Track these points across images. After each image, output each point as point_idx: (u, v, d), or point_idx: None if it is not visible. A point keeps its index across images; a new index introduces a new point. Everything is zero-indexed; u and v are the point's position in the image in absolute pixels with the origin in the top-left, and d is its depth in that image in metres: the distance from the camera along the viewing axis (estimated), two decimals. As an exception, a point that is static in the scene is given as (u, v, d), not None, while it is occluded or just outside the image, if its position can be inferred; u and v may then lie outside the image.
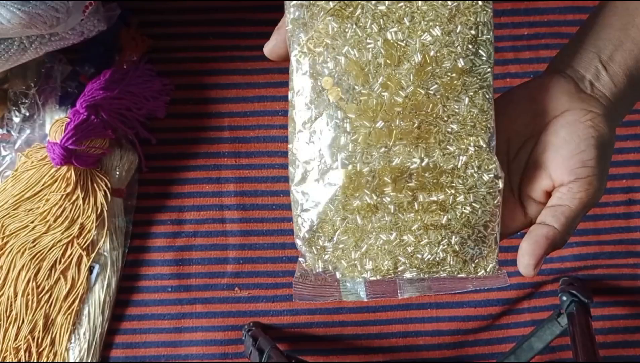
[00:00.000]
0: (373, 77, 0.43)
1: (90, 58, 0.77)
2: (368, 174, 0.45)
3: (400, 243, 0.46)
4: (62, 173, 0.74)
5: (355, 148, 0.44)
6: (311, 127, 0.45)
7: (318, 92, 0.44)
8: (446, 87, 0.43)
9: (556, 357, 0.78)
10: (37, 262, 0.74)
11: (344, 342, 0.78)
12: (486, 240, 0.48)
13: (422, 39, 0.42)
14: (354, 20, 0.43)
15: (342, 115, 0.44)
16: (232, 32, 0.80)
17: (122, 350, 0.77)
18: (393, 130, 0.44)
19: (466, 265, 0.48)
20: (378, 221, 0.46)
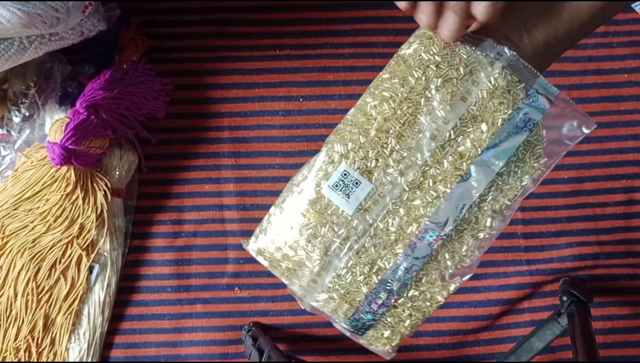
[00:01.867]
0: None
1: (90, 58, 0.77)
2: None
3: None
4: (62, 173, 0.74)
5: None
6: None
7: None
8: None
9: (556, 357, 0.78)
10: (37, 262, 0.74)
11: (344, 342, 0.78)
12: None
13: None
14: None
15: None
16: (232, 32, 0.80)
17: (122, 350, 0.77)
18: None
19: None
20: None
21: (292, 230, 0.53)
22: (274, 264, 0.55)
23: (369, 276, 0.53)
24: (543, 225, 0.78)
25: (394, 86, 0.52)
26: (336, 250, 0.52)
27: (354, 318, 0.54)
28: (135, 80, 0.76)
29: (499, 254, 0.78)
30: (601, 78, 0.80)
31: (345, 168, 0.52)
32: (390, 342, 0.56)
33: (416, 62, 0.52)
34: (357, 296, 0.53)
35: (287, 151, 0.80)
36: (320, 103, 0.80)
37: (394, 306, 0.54)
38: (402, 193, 0.51)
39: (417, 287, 0.53)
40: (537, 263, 0.78)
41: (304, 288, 0.54)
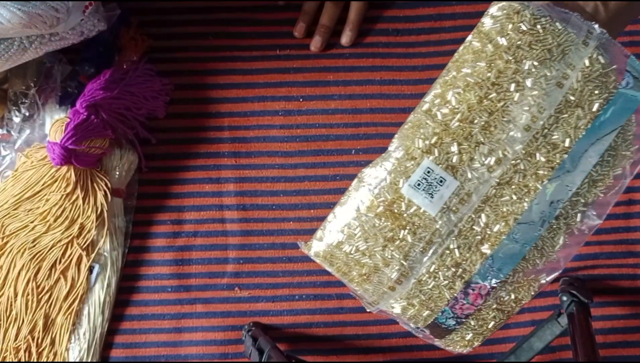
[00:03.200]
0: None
1: (90, 58, 0.77)
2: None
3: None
4: (62, 173, 0.74)
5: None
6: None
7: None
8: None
9: (556, 357, 0.78)
10: (37, 262, 0.74)
11: (344, 342, 0.78)
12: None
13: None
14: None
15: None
16: (232, 32, 0.80)
17: (122, 350, 0.77)
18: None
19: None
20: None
21: (364, 234, 0.48)
22: (342, 269, 0.50)
23: (453, 281, 0.48)
24: (543, 225, 0.78)
25: (479, 70, 0.46)
26: (418, 254, 0.47)
27: (434, 323, 0.50)
28: (135, 80, 0.76)
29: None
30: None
31: (429, 165, 0.46)
32: (471, 344, 0.51)
33: (505, 41, 0.45)
34: (439, 302, 0.49)
35: (287, 151, 0.80)
36: (320, 103, 0.80)
37: (479, 310, 0.49)
38: (489, 190, 0.46)
39: (504, 288, 0.48)
40: (537, 263, 0.78)
41: (378, 295, 0.49)
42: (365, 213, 0.48)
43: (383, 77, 0.80)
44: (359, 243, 0.48)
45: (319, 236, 0.51)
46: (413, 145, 0.47)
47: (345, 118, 0.80)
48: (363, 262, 0.49)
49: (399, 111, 0.80)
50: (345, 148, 0.79)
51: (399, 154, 0.47)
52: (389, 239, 0.47)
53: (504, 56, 0.45)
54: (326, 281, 0.78)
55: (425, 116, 0.47)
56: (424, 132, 0.47)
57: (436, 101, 0.47)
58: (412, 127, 0.47)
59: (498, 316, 0.50)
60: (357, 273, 0.49)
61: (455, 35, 0.80)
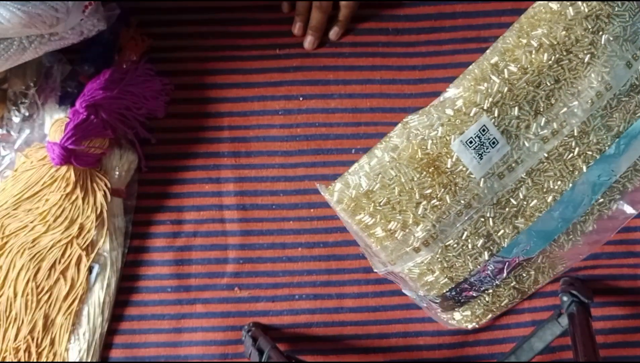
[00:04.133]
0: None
1: (90, 58, 0.77)
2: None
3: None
4: (62, 173, 0.74)
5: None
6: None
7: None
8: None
9: (556, 357, 0.78)
10: (36, 262, 0.74)
11: (344, 342, 0.78)
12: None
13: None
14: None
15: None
16: (232, 32, 0.80)
17: (122, 351, 0.77)
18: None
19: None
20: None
21: (400, 185, 0.44)
22: (365, 221, 0.45)
23: (480, 251, 0.45)
24: (543, 225, 0.78)
25: (556, 32, 0.43)
26: (452, 217, 0.44)
27: (449, 294, 0.47)
28: (135, 80, 0.76)
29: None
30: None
31: (486, 123, 0.43)
32: (478, 320, 0.49)
33: (586, 7, 0.43)
34: (461, 271, 0.46)
35: (287, 150, 0.80)
36: (320, 102, 0.80)
37: (497, 286, 0.46)
38: (537, 162, 0.43)
39: (527, 267, 0.46)
40: (538, 263, 0.78)
41: (397, 254, 0.46)
42: (406, 163, 0.44)
43: (383, 76, 0.80)
44: (392, 195, 0.45)
45: (346, 182, 0.47)
46: (474, 99, 0.43)
47: (345, 117, 0.80)
48: (392, 216, 0.45)
49: (399, 110, 0.79)
50: (346, 147, 0.79)
51: (457, 105, 0.44)
52: (425, 196, 0.44)
53: (584, 24, 0.42)
54: (326, 280, 0.78)
55: (491, 70, 0.44)
56: (488, 88, 0.43)
57: (505, 56, 0.44)
58: (475, 79, 0.44)
59: (513, 295, 0.47)
60: (381, 228, 0.46)
61: (455, 35, 0.80)
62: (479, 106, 0.43)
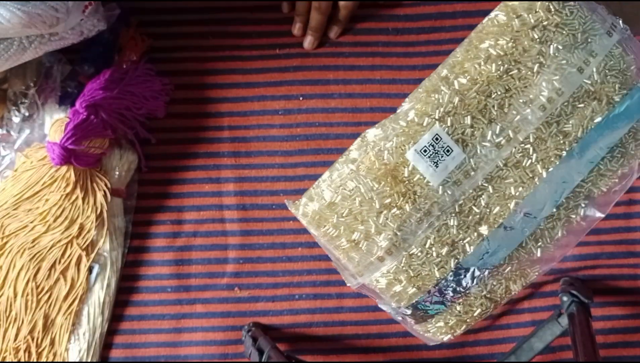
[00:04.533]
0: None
1: (90, 58, 0.77)
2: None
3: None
4: (62, 173, 0.74)
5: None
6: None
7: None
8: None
9: (556, 357, 0.78)
10: (36, 262, 0.74)
11: (344, 342, 0.78)
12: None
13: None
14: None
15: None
16: (232, 32, 0.80)
17: (122, 351, 0.77)
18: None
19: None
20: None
21: (360, 196, 0.46)
22: (330, 233, 0.47)
23: (445, 260, 0.46)
24: (543, 225, 0.78)
25: (502, 44, 0.44)
26: (413, 225, 0.45)
27: (418, 304, 0.48)
28: (135, 80, 0.76)
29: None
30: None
31: (438, 132, 0.44)
32: (453, 332, 0.49)
33: (532, 19, 0.44)
34: (428, 280, 0.46)
35: (287, 150, 0.80)
36: (320, 102, 0.80)
37: (467, 295, 0.47)
38: (494, 169, 0.45)
39: (497, 276, 0.46)
40: (538, 263, 0.78)
41: (364, 265, 0.47)
42: (365, 174, 0.46)
43: (383, 76, 0.80)
44: (353, 206, 0.46)
45: (310, 196, 0.49)
46: (426, 109, 0.45)
47: (345, 117, 0.80)
48: (354, 226, 0.46)
49: (399, 110, 0.79)
50: (346, 147, 0.79)
51: (410, 116, 0.45)
52: (385, 205, 0.45)
53: (530, 34, 0.44)
54: (326, 280, 0.78)
55: (442, 83, 0.45)
56: (439, 99, 0.45)
57: (455, 69, 0.45)
58: (427, 91, 0.46)
59: (485, 304, 0.48)
60: (345, 239, 0.47)
61: (455, 35, 0.80)
62: (431, 116, 0.44)
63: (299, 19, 0.79)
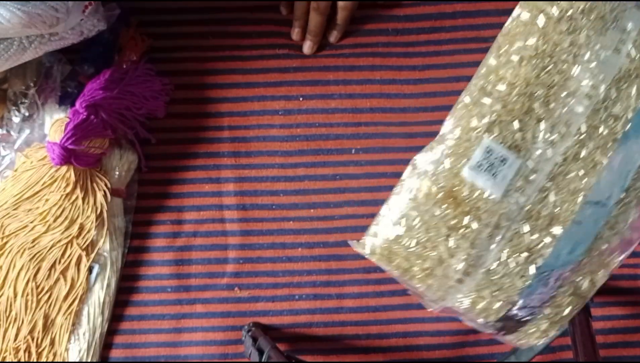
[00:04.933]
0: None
1: (90, 58, 0.77)
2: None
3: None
4: (62, 173, 0.74)
5: None
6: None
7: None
8: None
9: (556, 357, 0.78)
10: (36, 262, 0.74)
11: (344, 342, 0.78)
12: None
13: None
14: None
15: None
16: (232, 32, 0.80)
17: (122, 351, 0.77)
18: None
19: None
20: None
21: (424, 224, 0.45)
22: (402, 266, 0.46)
23: (524, 267, 0.45)
24: (543, 225, 0.78)
25: (533, 43, 0.44)
26: (485, 241, 0.45)
27: (506, 317, 0.47)
28: (135, 80, 0.76)
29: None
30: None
31: (489, 144, 0.44)
32: (547, 334, 0.48)
33: (557, 11, 0.44)
34: (511, 291, 0.46)
35: (287, 150, 0.80)
36: (320, 102, 0.80)
37: (553, 297, 0.46)
38: (554, 167, 0.44)
39: (579, 271, 0.46)
40: (538, 263, 0.78)
41: (444, 290, 0.46)
42: (424, 201, 0.45)
43: (383, 76, 0.80)
44: (420, 235, 0.45)
45: (374, 232, 0.48)
46: (470, 124, 0.44)
47: (345, 117, 0.80)
48: (425, 255, 0.46)
49: (398, 110, 0.79)
50: (346, 147, 0.79)
51: (456, 135, 0.44)
52: (452, 227, 0.44)
53: (558, 28, 0.43)
54: (326, 281, 0.78)
55: (480, 94, 0.45)
56: (481, 111, 0.44)
57: (490, 78, 0.45)
58: (467, 106, 0.45)
59: (573, 302, 0.47)
60: (418, 268, 0.46)
61: (455, 35, 0.80)
62: (477, 129, 0.44)
63: (298, 23, 0.79)
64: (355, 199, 0.79)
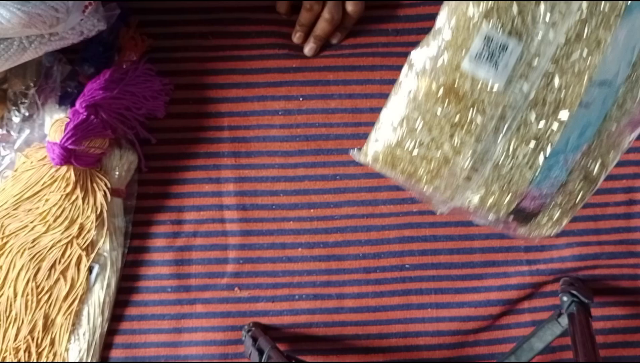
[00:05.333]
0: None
1: (90, 58, 0.77)
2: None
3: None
4: (62, 173, 0.74)
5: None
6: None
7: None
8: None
9: (556, 357, 0.78)
10: (36, 262, 0.74)
11: (344, 342, 0.78)
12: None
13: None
14: None
15: None
16: (232, 32, 0.80)
17: (122, 351, 0.77)
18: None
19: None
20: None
21: (427, 124, 0.43)
22: (407, 170, 0.44)
23: (533, 157, 0.43)
24: (543, 225, 0.78)
25: None
26: (490, 135, 0.43)
27: (517, 210, 0.45)
28: (135, 80, 0.76)
29: (499, 254, 0.78)
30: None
31: (487, 32, 0.42)
32: (559, 223, 0.46)
33: None
34: (521, 183, 0.44)
35: (287, 150, 0.80)
36: (320, 102, 0.80)
37: (564, 184, 0.45)
38: (556, 50, 0.42)
39: (590, 155, 0.44)
40: (538, 263, 0.78)
41: (452, 189, 0.44)
42: (424, 101, 0.43)
43: (383, 76, 0.80)
44: (423, 136, 0.43)
45: (374, 139, 0.46)
46: (466, 14, 0.42)
47: (345, 117, 0.80)
48: (430, 156, 0.44)
49: (399, 110, 0.79)
50: (346, 148, 0.79)
51: (452, 25, 0.42)
52: (455, 124, 0.42)
53: None
54: (326, 281, 0.78)
55: None
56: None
57: None
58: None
59: (585, 187, 0.45)
60: (424, 170, 0.44)
61: (456, 35, 0.80)
62: (474, 18, 0.41)
63: (301, 29, 0.78)
64: (355, 199, 0.79)
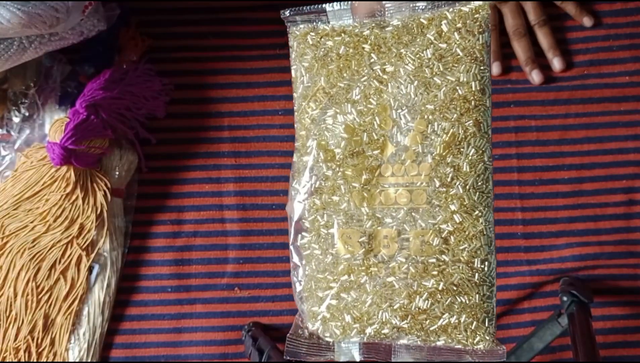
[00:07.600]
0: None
1: (90, 58, 0.77)
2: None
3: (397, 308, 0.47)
4: (62, 173, 0.74)
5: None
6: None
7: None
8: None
9: (556, 357, 0.78)
10: (36, 262, 0.74)
11: (344, 342, 0.78)
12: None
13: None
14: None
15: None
16: (232, 32, 0.80)
17: (122, 351, 0.77)
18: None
19: (465, 336, 0.48)
20: (373, 282, 0.47)
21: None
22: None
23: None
24: (543, 226, 0.78)
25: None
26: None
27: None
28: (135, 80, 0.76)
29: (499, 254, 0.78)
30: (603, 80, 0.79)
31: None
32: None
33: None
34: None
35: (287, 150, 0.80)
36: (320, 103, 0.80)
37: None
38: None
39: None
40: (538, 264, 0.78)
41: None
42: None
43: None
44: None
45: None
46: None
47: (345, 118, 0.80)
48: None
49: (399, 110, 0.79)
50: (345, 148, 0.79)
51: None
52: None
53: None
54: (326, 281, 0.78)
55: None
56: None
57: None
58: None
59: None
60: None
61: (456, 35, 0.80)
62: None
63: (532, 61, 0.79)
64: (355, 199, 0.79)
